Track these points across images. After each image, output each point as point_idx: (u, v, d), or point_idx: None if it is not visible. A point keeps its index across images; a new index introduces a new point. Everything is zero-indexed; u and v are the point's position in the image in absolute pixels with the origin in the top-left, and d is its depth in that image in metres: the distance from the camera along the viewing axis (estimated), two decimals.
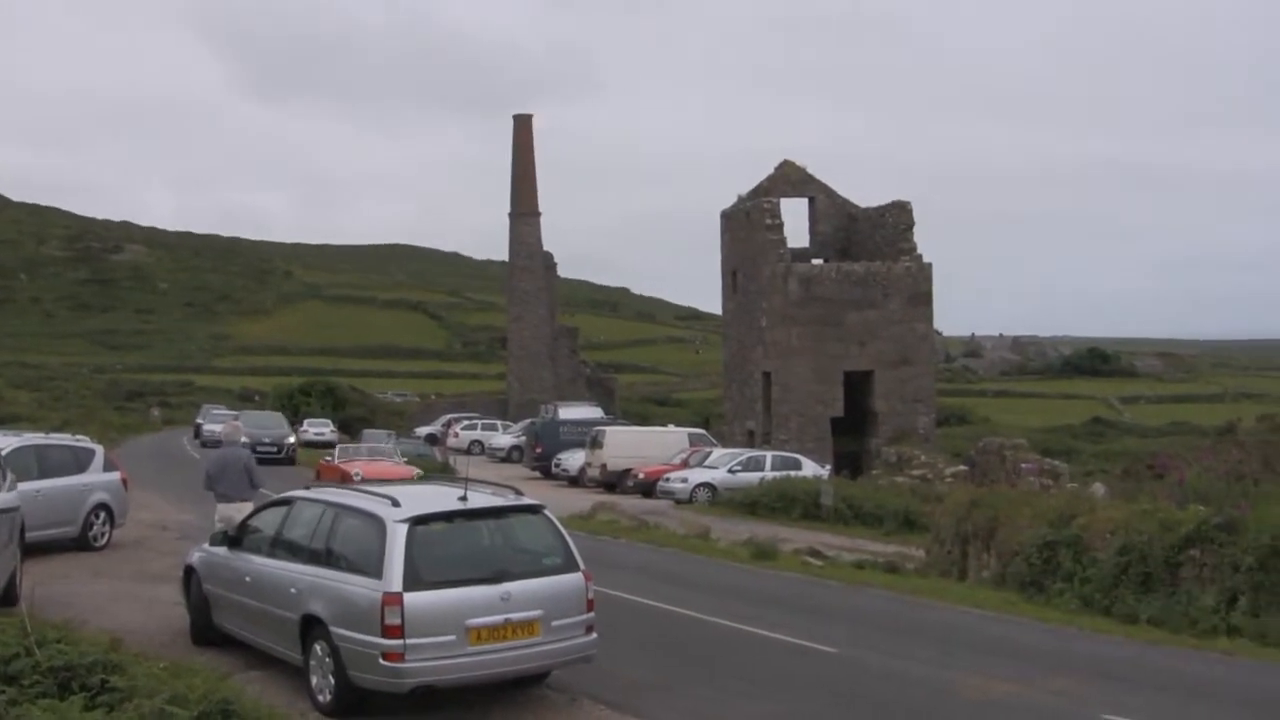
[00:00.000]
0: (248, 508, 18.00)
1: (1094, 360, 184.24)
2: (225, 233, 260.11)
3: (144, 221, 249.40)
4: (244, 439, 23.18)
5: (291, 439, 59.69)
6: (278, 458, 54.46)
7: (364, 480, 30.04)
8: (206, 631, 15.54)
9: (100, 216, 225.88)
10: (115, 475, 25.45)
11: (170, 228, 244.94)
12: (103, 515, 24.55)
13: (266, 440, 54.87)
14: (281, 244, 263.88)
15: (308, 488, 15.74)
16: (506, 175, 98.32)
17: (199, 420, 73.80)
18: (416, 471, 38.43)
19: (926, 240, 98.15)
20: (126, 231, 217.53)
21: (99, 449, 26.03)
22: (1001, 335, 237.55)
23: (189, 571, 16.06)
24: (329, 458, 46.52)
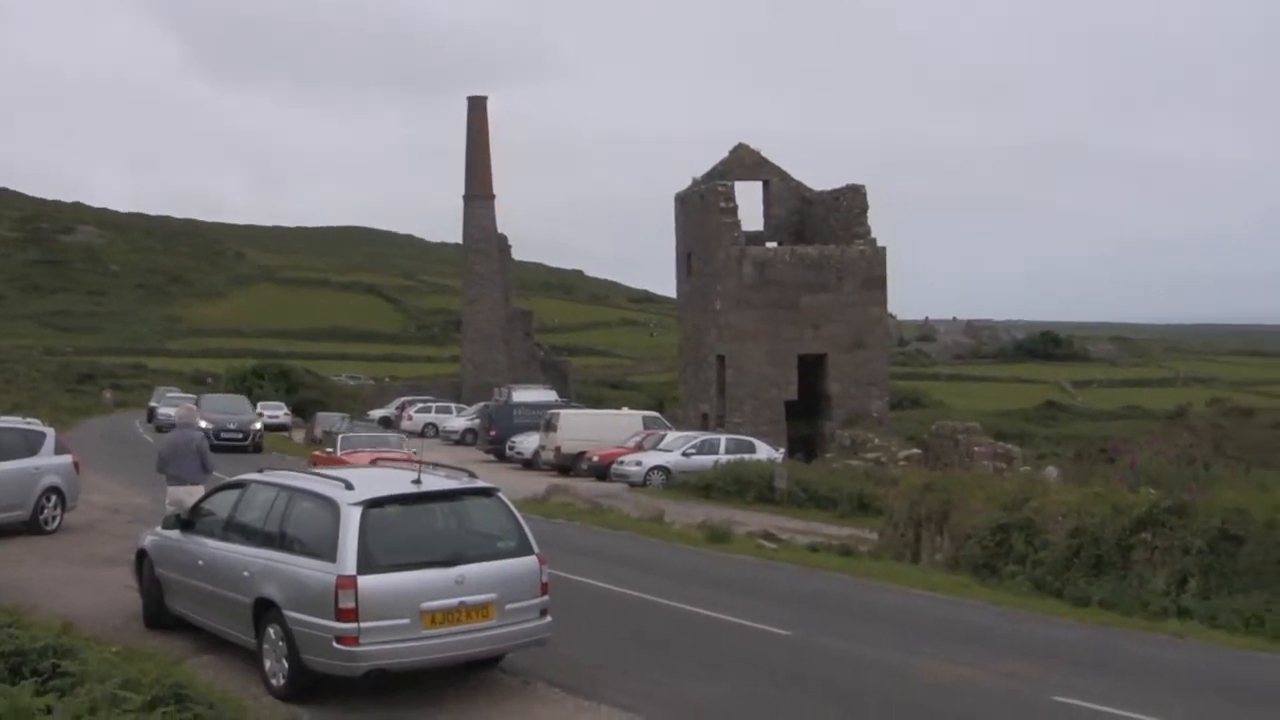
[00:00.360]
0: (200, 491, 17.92)
1: (1047, 344, 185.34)
2: (178, 214, 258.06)
3: (96, 203, 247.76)
4: (204, 425, 22.97)
5: (258, 425, 56.07)
6: (243, 445, 51.65)
7: None
8: (159, 615, 15.47)
9: (51, 198, 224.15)
10: (67, 458, 25.28)
11: (122, 209, 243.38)
12: (54, 499, 24.39)
13: (231, 426, 52.43)
14: (234, 226, 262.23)
15: (261, 471, 15.66)
16: (461, 158, 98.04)
17: (153, 403, 72.94)
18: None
19: (881, 224, 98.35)
20: (78, 213, 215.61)
21: (50, 432, 25.85)
22: (955, 319, 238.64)
23: (141, 555, 15.97)
24: (328, 449, 40.92)
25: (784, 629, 16.84)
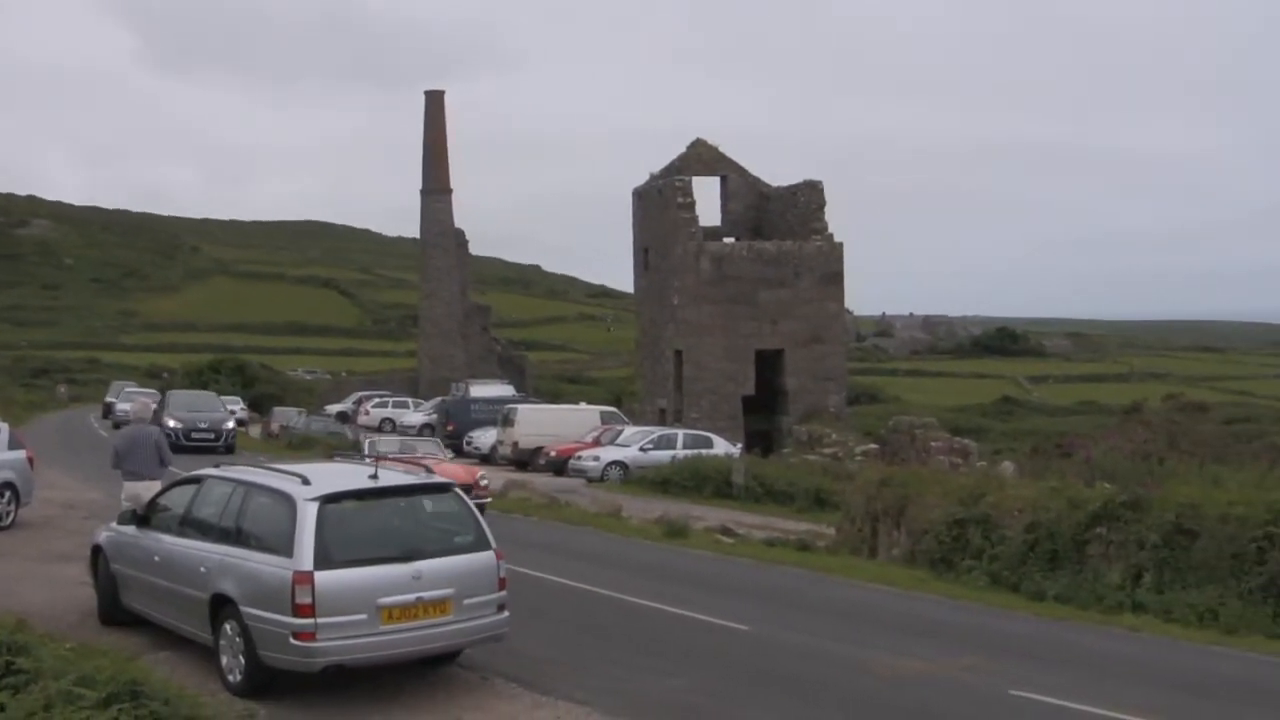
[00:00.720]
0: (156, 486, 17.83)
1: (1003, 340, 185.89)
2: (133, 208, 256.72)
3: (50, 196, 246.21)
4: (172, 424, 22.72)
5: (231, 424, 51.09)
6: (214, 446, 46.52)
7: None
8: (114, 612, 15.40)
9: (5, 191, 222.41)
10: (21, 454, 25.13)
11: (77, 202, 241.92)
12: (8, 494, 24.23)
13: (202, 425, 48.10)
14: (190, 219, 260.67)
15: (217, 465, 15.60)
16: (417, 151, 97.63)
17: (110, 398, 72.27)
18: (480, 473, 32.68)
19: (838, 220, 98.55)
20: (32, 206, 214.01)
21: (4, 427, 25.72)
22: (912, 315, 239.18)
23: (96, 551, 15.90)
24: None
25: (741, 624, 16.88)
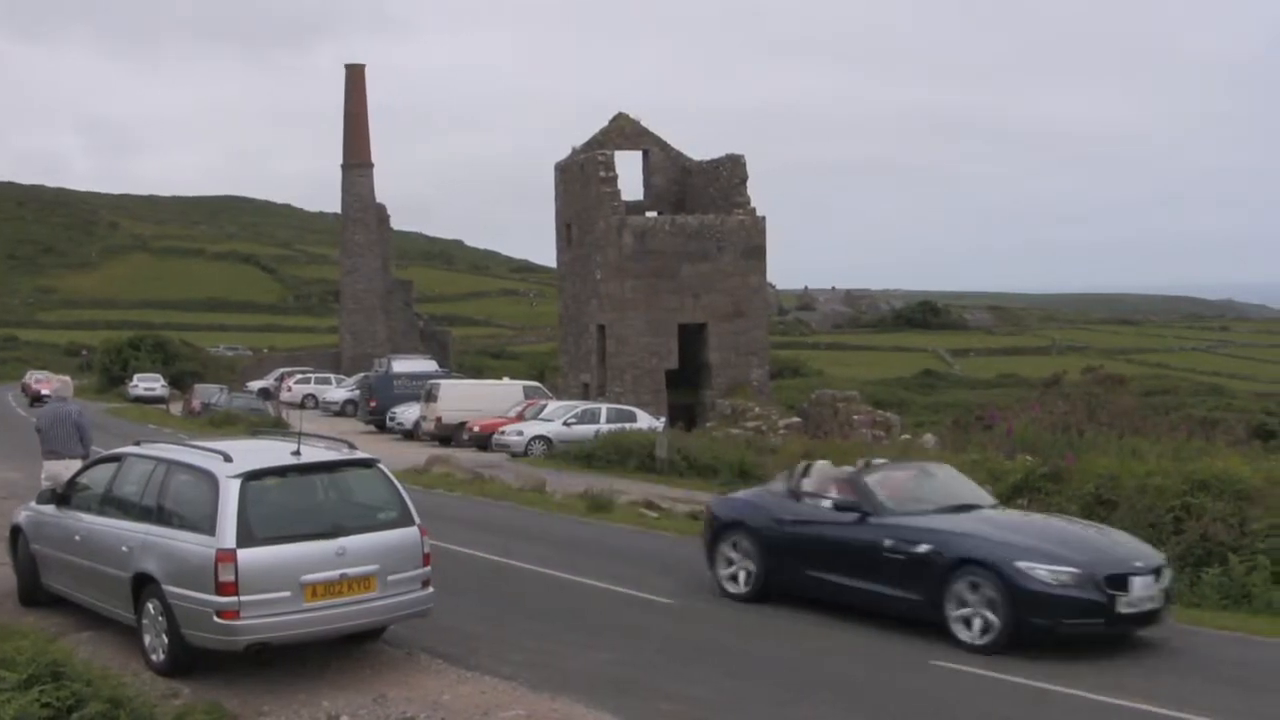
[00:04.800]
0: (76, 465, 17.67)
1: (925, 313, 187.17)
2: (25, 180, 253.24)
3: None
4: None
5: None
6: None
7: None
8: (34, 592, 15.29)
9: None
10: None
11: None
12: None
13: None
14: (107, 195, 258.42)
15: (138, 443, 15.48)
16: (330, 122, 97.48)
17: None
18: None
19: (760, 194, 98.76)
20: None
21: None
22: (834, 288, 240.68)
23: (15, 531, 15.77)
24: None
25: (666, 597, 16.95)
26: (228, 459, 12.88)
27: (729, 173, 59.06)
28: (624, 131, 62.43)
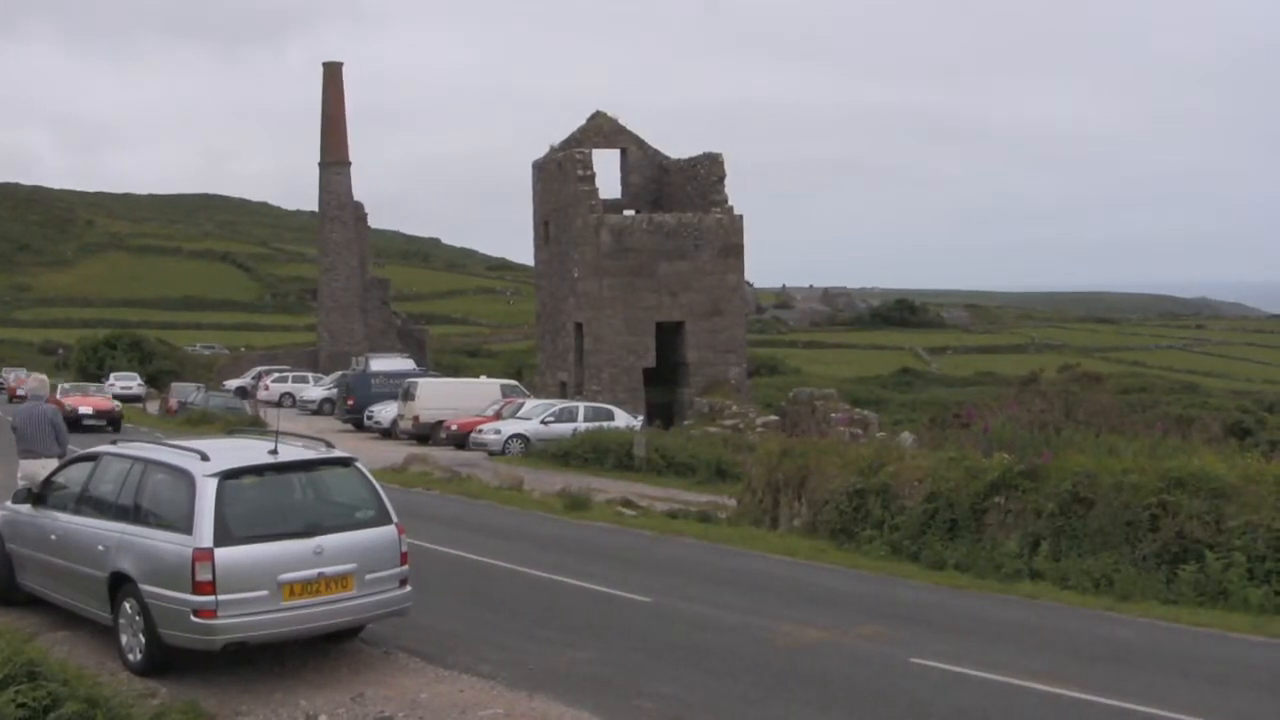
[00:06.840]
0: (52, 464, 17.60)
1: (902, 312, 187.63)
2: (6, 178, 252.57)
3: None
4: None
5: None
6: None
7: None
8: (10, 592, 15.23)
9: None
10: None
11: None
12: None
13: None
14: (84, 193, 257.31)
15: (114, 443, 15.43)
16: (307, 117, 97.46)
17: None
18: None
19: (738, 192, 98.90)
20: None
21: None
22: (812, 287, 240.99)
23: None
24: None
25: (644, 595, 16.96)
26: (205, 458, 12.85)
27: (706, 171, 59.12)
28: (602, 130, 62.46)
